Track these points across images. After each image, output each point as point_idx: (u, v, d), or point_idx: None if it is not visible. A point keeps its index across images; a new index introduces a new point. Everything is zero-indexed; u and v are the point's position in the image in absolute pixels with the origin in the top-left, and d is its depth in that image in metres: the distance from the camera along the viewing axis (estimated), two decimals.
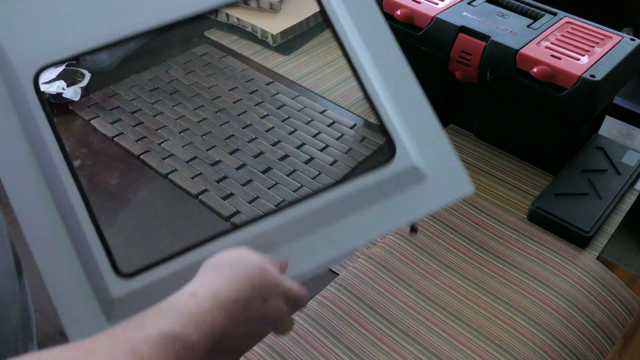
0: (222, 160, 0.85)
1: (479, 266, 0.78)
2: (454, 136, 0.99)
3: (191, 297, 0.46)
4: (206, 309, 0.45)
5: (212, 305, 0.45)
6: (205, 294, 0.46)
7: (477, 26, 0.91)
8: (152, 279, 0.54)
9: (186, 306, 0.44)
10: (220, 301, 0.46)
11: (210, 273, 0.50)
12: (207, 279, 0.49)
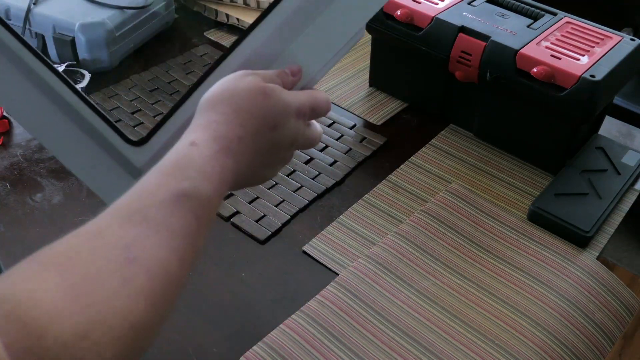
0: None
1: (479, 266, 0.78)
2: (454, 136, 0.99)
3: (191, 147, 0.42)
4: (210, 155, 0.41)
5: (216, 150, 0.42)
6: (205, 141, 0.42)
7: (477, 26, 0.91)
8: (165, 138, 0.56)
9: (189, 158, 0.41)
10: (223, 143, 0.42)
11: (205, 114, 0.45)
12: (204, 122, 0.44)
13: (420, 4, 0.96)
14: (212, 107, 0.45)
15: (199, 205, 0.38)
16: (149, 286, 0.34)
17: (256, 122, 0.44)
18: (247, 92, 0.45)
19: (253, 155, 0.44)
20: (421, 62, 0.98)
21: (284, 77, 0.49)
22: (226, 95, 0.45)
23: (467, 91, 0.96)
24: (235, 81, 0.46)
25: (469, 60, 0.91)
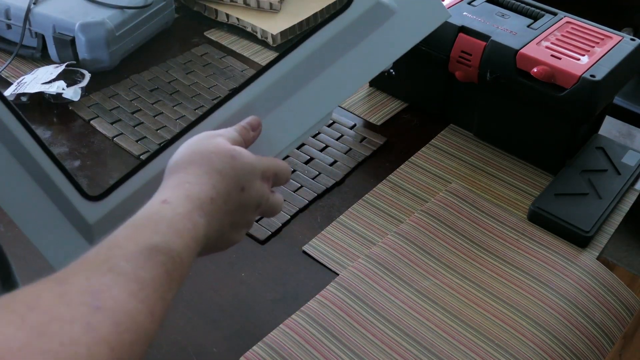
0: None
1: (479, 266, 0.78)
2: (454, 136, 0.99)
3: (163, 205, 0.42)
4: (183, 213, 0.41)
5: (189, 209, 0.42)
6: (177, 199, 0.42)
7: (477, 26, 0.91)
8: (123, 196, 0.52)
9: (160, 215, 0.41)
10: (196, 202, 0.42)
11: (176, 175, 0.45)
12: (175, 182, 0.45)
13: None
14: (183, 168, 0.45)
15: (170, 260, 0.38)
16: (115, 336, 0.33)
17: (226, 184, 0.45)
18: (216, 154, 0.46)
19: (223, 216, 0.45)
20: (421, 62, 0.98)
21: (244, 133, 0.51)
22: (196, 157, 0.46)
23: (467, 91, 0.96)
24: (203, 143, 0.47)
25: (469, 60, 0.91)
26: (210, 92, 1.02)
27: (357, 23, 0.56)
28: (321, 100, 0.55)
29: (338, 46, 0.56)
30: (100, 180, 0.83)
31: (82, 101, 0.98)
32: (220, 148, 0.46)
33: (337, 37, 0.56)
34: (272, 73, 0.54)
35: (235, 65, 1.10)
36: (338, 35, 0.56)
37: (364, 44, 0.56)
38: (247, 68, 1.09)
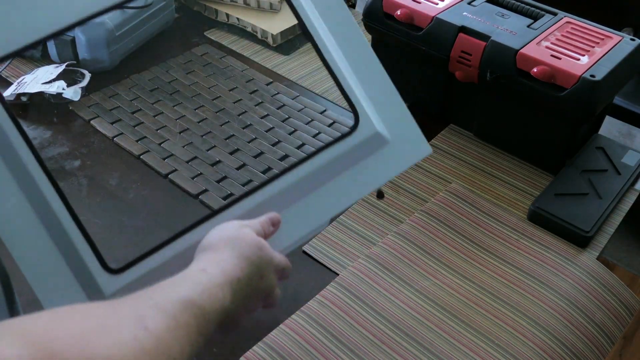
0: (222, 160, 0.85)
1: (479, 266, 0.78)
2: (454, 136, 0.99)
3: (202, 272, 0.48)
4: (218, 283, 0.47)
5: (223, 281, 0.48)
6: (214, 270, 0.49)
7: (477, 26, 0.91)
8: (142, 272, 0.54)
9: (199, 279, 0.47)
10: (228, 278, 0.49)
11: (212, 252, 0.52)
12: (211, 257, 0.51)
13: (420, 4, 0.96)
14: (217, 249, 0.52)
15: (202, 315, 0.44)
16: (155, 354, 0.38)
17: (251, 270, 0.52)
18: (246, 243, 0.53)
19: (243, 298, 0.51)
20: (421, 62, 0.98)
21: (266, 227, 0.58)
22: (229, 242, 0.53)
23: (467, 91, 0.96)
24: (236, 231, 0.54)
25: (469, 60, 0.91)
26: (210, 92, 1.02)
27: (357, 147, 0.64)
28: (320, 209, 0.63)
29: (339, 165, 0.64)
30: (99, 179, 0.83)
31: (82, 101, 0.98)
32: (250, 238, 0.53)
33: (340, 157, 0.64)
34: (283, 180, 0.62)
35: (236, 65, 1.10)
36: (341, 155, 0.64)
37: (360, 165, 0.65)
38: (247, 68, 1.09)
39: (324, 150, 0.64)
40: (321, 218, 0.63)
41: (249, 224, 0.56)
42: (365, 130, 0.65)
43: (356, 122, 0.65)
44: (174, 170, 0.84)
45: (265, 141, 0.90)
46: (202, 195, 0.79)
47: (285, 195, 0.62)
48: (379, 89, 0.69)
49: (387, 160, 0.66)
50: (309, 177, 0.63)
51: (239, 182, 0.84)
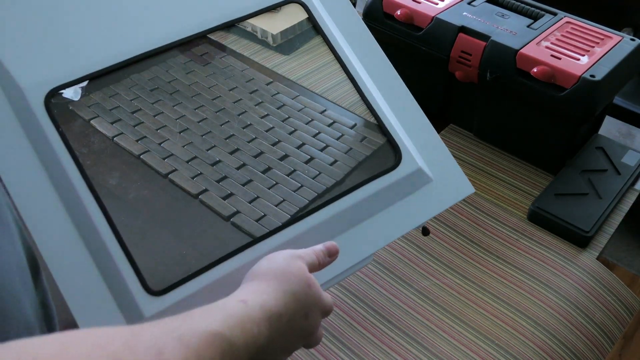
0: (222, 160, 0.85)
1: (479, 266, 0.78)
2: (454, 136, 0.99)
3: (240, 303, 0.45)
4: (254, 318, 0.44)
5: (261, 316, 0.45)
6: (254, 303, 0.46)
7: (477, 26, 0.91)
8: (184, 295, 0.53)
9: (235, 310, 0.44)
10: (267, 313, 0.46)
11: (257, 283, 0.49)
12: (255, 289, 0.48)
13: (420, 4, 0.96)
14: (264, 279, 0.50)
15: (229, 350, 0.41)
16: None
17: (296, 307, 0.49)
18: (296, 277, 0.50)
19: (282, 335, 0.48)
20: (421, 62, 0.98)
21: (321, 257, 0.55)
22: (278, 273, 0.50)
23: (467, 91, 0.96)
24: (287, 263, 0.51)
25: (469, 60, 0.91)
26: (210, 92, 1.02)
27: (400, 183, 0.65)
28: (363, 244, 0.61)
29: (382, 200, 0.64)
30: (99, 179, 0.83)
31: (82, 101, 0.98)
32: (300, 273, 0.51)
33: (382, 193, 0.64)
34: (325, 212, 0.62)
35: (236, 65, 1.10)
36: (383, 190, 0.64)
37: (404, 201, 0.64)
38: (247, 68, 1.09)
39: (366, 184, 0.64)
40: (363, 253, 0.61)
41: (302, 255, 0.54)
42: (409, 166, 0.65)
43: (398, 158, 0.66)
44: (174, 170, 0.84)
45: (265, 141, 0.90)
46: (202, 195, 0.79)
47: (327, 227, 0.61)
48: (417, 125, 0.69)
49: (430, 198, 0.65)
50: (351, 210, 0.63)
51: (239, 182, 0.84)
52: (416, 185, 0.65)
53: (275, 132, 0.89)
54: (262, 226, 0.79)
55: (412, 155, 0.66)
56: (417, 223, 0.64)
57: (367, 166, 0.80)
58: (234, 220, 0.79)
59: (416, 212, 0.64)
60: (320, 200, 0.67)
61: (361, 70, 0.70)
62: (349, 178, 0.67)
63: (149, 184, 0.78)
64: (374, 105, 0.68)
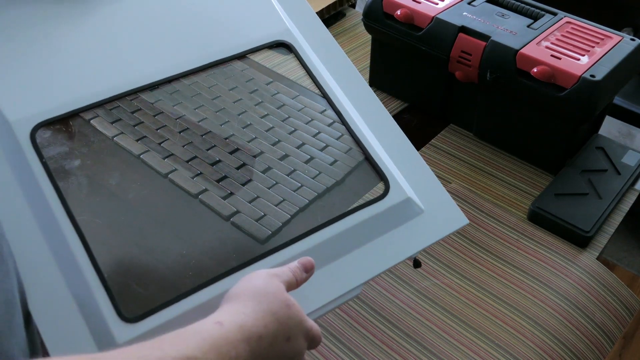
0: (222, 160, 0.85)
1: (479, 266, 0.78)
2: (454, 136, 0.99)
3: (216, 325, 0.44)
4: (232, 340, 0.43)
5: (239, 337, 0.43)
6: (231, 325, 0.44)
7: (477, 26, 0.91)
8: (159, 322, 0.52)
9: (210, 333, 0.42)
10: (246, 334, 0.44)
11: (235, 303, 0.48)
12: (233, 310, 0.47)
13: (420, 4, 0.96)
14: (242, 300, 0.48)
15: None
16: None
17: (276, 328, 0.47)
18: (274, 297, 0.48)
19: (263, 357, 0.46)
20: (421, 62, 0.98)
21: (297, 273, 0.54)
22: (256, 294, 0.48)
23: (467, 91, 0.96)
24: (265, 282, 0.50)
25: (469, 60, 0.91)
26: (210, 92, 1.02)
27: (388, 213, 0.64)
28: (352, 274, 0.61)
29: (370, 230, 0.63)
30: (99, 179, 0.83)
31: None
32: (279, 293, 0.49)
33: (369, 222, 0.63)
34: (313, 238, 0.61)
35: (235, 64, 1.10)
36: (370, 220, 0.63)
37: (395, 232, 0.63)
38: (247, 67, 1.09)
39: (355, 213, 0.64)
40: (350, 284, 0.60)
41: (279, 274, 0.52)
42: (397, 196, 0.65)
43: (386, 188, 0.66)
44: (174, 170, 0.84)
45: (265, 141, 0.90)
46: (202, 194, 0.79)
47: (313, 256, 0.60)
48: (408, 161, 0.69)
49: (422, 229, 0.65)
50: (338, 239, 0.62)
51: (239, 182, 0.84)
52: (406, 216, 0.65)
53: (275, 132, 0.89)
54: (262, 226, 0.79)
55: (401, 185, 0.65)
56: (407, 254, 0.63)
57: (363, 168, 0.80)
58: (234, 220, 0.79)
59: (407, 243, 0.63)
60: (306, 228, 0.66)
61: (347, 105, 0.71)
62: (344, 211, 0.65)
63: (149, 183, 0.78)
64: (361, 138, 0.68)
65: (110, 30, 0.70)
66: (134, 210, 0.65)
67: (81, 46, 0.67)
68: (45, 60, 0.65)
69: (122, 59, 0.68)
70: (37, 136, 0.61)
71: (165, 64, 0.69)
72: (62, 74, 0.65)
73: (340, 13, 1.30)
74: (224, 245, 0.61)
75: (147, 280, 0.58)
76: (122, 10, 0.72)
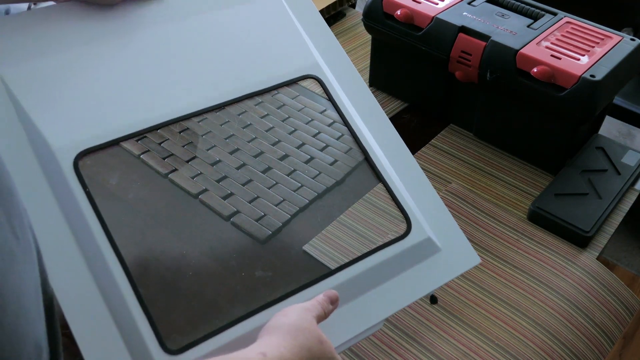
0: (222, 160, 0.85)
1: (479, 266, 0.78)
2: (454, 136, 0.99)
3: (260, 355, 0.48)
4: None
5: None
6: (272, 356, 0.49)
7: (477, 26, 0.91)
8: (201, 354, 0.54)
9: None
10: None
11: (275, 337, 0.52)
12: (273, 343, 0.51)
13: (420, 4, 0.96)
14: (281, 334, 0.52)
15: None
16: None
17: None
18: (309, 333, 0.53)
19: None
20: (421, 62, 0.98)
21: (325, 305, 0.58)
22: (292, 329, 0.53)
23: (467, 91, 0.96)
24: (299, 318, 0.55)
25: (469, 60, 0.91)
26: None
27: (409, 252, 0.67)
28: (372, 311, 0.65)
29: (391, 268, 0.67)
30: (99, 179, 0.83)
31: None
32: (313, 329, 0.54)
33: (393, 260, 0.67)
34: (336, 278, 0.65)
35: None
36: (392, 258, 0.67)
37: (413, 270, 0.67)
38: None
39: (376, 252, 0.67)
40: (373, 319, 0.64)
41: (309, 307, 0.56)
42: (418, 235, 0.68)
43: (408, 227, 0.69)
44: (174, 170, 0.84)
45: (265, 141, 0.90)
46: (202, 194, 0.79)
47: (341, 291, 0.63)
48: (428, 200, 0.73)
49: (438, 267, 0.68)
50: (362, 277, 0.65)
51: (239, 182, 0.84)
52: (425, 254, 0.68)
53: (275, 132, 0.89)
54: (262, 226, 0.79)
55: (422, 225, 0.69)
56: (426, 291, 0.67)
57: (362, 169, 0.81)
58: (234, 220, 0.79)
59: (425, 281, 0.67)
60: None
61: (372, 142, 0.75)
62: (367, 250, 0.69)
63: (149, 183, 0.78)
64: (385, 177, 0.73)
65: (148, 63, 0.74)
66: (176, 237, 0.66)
67: (121, 77, 0.71)
68: (86, 90, 0.68)
69: (159, 90, 0.72)
70: (80, 164, 0.64)
71: (201, 96, 0.74)
72: (103, 103, 0.68)
73: (340, 13, 1.30)
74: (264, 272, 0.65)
75: (189, 310, 0.60)
76: (160, 45, 0.76)
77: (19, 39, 0.70)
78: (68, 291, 0.54)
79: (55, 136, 0.63)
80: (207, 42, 0.78)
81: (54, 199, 0.60)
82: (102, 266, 0.57)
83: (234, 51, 0.78)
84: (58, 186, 0.61)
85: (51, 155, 0.62)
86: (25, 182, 0.60)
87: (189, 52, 0.77)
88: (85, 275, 0.56)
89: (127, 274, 0.56)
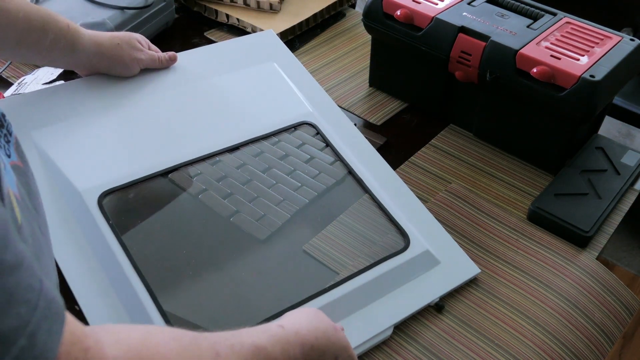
0: (222, 160, 0.85)
1: (479, 266, 0.78)
2: (454, 136, 0.99)
3: (279, 327, 0.52)
4: (291, 342, 0.51)
5: (295, 341, 0.52)
6: (290, 329, 0.53)
7: (477, 26, 0.91)
8: None
9: (275, 332, 0.51)
10: (301, 339, 0.52)
11: (295, 315, 0.57)
12: (292, 318, 0.56)
13: (420, 4, 0.96)
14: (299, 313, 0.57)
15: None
16: None
17: (326, 344, 0.55)
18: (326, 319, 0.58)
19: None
20: (421, 62, 0.98)
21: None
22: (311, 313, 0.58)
23: (467, 91, 0.96)
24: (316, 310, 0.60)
25: (469, 60, 0.91)
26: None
27: (409, 264, 0.73)
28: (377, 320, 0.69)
29: (393, 280, 0.72)
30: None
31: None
32: (328, 319, 0.58)
33: (392, 272, 0.72)
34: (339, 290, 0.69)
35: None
36: (393, 270, 0.72)
37: (414, 282, 0.72)
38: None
39: (379, 265, 0.72)
40: (380, 326, 0.68)
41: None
42: (417, 249, 0.74)
43: (407, 242, 0.75)
44: (174, 170, 0.84)
45: (265, 140, 0.90)
46: (202, 194, 0.79)
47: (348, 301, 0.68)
48: (423, 220, 0.80)
49: (440, 278, 0.74)
50: (366, 287, 0.70)
51: (239, 182, 0.84)
52: (425, 267, 0.74)
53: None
54: (261, 226, 0.79)
55: (419, 239, 0.75)
56: (430, 299, 0.72)
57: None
58: (233, 220, 0.78)
59: (428, 290, 0.72)
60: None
61: (366, 173, 0.83)
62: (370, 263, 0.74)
63: (149, 183, 0.78)
64: (382, 201, 0.79)
65: (161, 112, 0.84)
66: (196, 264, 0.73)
67: (136, 130, 0.81)
68: (105, 142, 0.78)
69: (172, 137, 0.82)
70: (104, 203, 0.71)
71: (210, 141, 0.83)
72: (122, 148, 0.78)
73: (340, 13, 1.30)
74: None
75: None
76: (173, 103, 0.86)
77: (50, 107, 0.80)
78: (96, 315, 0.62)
79: (80, 180, 0.72)
80: (214, 100, 0.89)
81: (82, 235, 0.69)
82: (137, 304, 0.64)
83: (236, 106, 0.89)
84: (85, 223, 0.70)
85: (78, 197, 0.71)
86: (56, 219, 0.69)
87: (199, 108, 0.87)
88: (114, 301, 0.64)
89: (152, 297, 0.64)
